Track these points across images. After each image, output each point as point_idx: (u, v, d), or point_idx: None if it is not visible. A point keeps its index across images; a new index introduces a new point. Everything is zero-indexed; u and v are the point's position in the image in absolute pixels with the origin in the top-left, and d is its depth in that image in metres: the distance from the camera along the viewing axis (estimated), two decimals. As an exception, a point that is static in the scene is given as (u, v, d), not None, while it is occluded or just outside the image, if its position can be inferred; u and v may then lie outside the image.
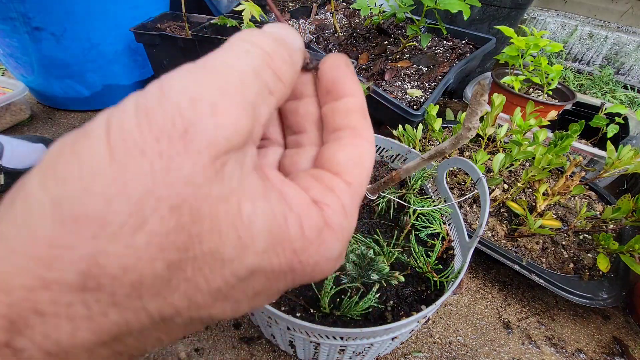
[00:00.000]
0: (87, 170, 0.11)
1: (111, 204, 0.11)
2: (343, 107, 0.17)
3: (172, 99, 0.12)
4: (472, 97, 0.25)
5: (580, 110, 1.10)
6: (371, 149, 0.17)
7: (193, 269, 0.12)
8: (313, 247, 0.14)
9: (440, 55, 1.09)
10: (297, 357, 0.55)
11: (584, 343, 0.64)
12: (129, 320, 0.12)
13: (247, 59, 0.14)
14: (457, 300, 0.68)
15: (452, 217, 0.59)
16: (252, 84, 0.13)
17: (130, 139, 0.11)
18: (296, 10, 1.26)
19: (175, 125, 0.11)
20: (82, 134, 0.12)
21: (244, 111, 0.13)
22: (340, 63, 0.17)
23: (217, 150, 0.12)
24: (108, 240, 0.11)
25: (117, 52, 1.04)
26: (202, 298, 0.13)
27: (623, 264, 0.65)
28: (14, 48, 0.96)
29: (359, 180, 0.17)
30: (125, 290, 0.11)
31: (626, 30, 1.60)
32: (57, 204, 0.11)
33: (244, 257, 0.13)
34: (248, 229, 0.13)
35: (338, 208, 0.15)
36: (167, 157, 0.11)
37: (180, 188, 0.11)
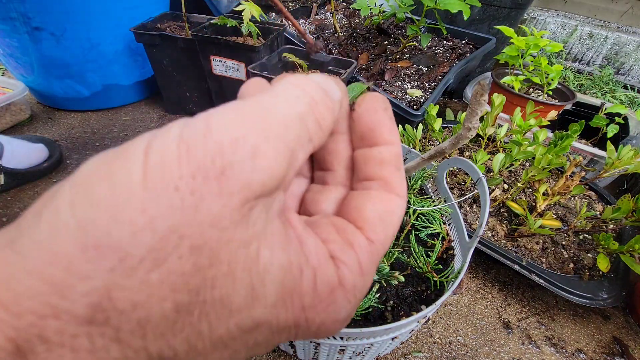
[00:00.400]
0: (119, 195, 0.11)
1: (136, 237, 0.10)
2: (377, 156, 0.17)
3: (216, 136, 0.11)
4: (472, 97, 0.25)
5: (580, 110, 1.10)
6: (401, 206, 0.17)
7: (200, 314, 0.12)
8: (322, 305, 0.14)
9: (440, 55, 1.09)
10: (297, 357, 0.55)
11: (584, 343, 0.64)
12: (128, 358, 0.11)
13: (296, 105, 0.13)
14: (457, 300, 0.68)
15: (452, 217, 0.59)
16: (296, 129, 0.13)
17: (168, 171, 0.11)
18: (296, 10, 1.26)
19: (215, 164, 0.11)
20: (121, 154, 0.11)
21: (282, 157, 0.12)
22: (378, 107, 0.17)
23: (249, 194, 0.12)
24: (125, 274, 0.11)
25: (117, 52, 1.04)
26: (202, 345, 0.12)
27: (623, 264, 0.65)
28: (14, 48, 0.96)
29: (383, 237, 0.16)
30: (130, 327, 0.11)
31: (626, 30, 1.60)
32: (82, 228, 0.10)
33: (253, 309, 0.12)
34: (262, 278, 0.12)
35: (355, 266, 0.15)
36: (199, 196, 0.11)
37: (205, 229, 0.11)
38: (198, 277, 0.11)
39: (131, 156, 0.11)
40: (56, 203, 0.11)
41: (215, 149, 0.11)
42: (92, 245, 0.10)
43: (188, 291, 0.11)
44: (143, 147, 0.11)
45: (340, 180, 0.18)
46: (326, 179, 0.18)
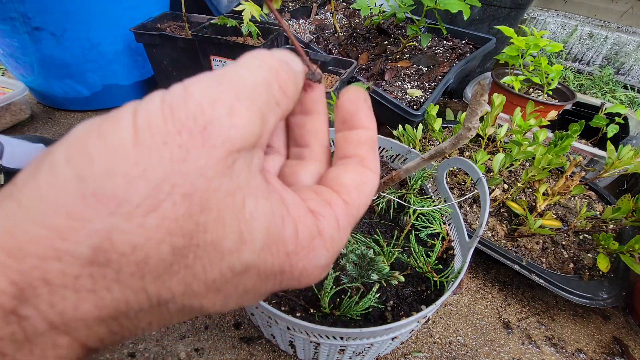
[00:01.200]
0: (113, 151, 0.12)
1: (131, 185, 0.12)
2: (355, 138, 0.19)
3: (196, 98, 0.13)
4: (472, 97, 0.25)
5: (580, 110, 1.10)
6: (374, 180, 0.19)
7: (194, 257, 0.13)
8: (304, 252, 0.15)
9: (440, 55, 1.09)
10: (297, 357, 0.55)
11: (584, 343, 0.64)
12: (129, 299, 0.12)
13: (259, 72, 0.15)
14: (457, 300, 0.68)
15: (452, 217, 0.59)
16: (263, 93, 0.15)
17: (155, 129, 0.12)
18: (296, 10, 1.26)
19: (197, 122, 0.13)
20: (110, 119, 0.13)
21: (255, 116, 0.14)
22: (359, 97, 0.19)
23: (230, 148, 0.13)
24: (123, 218, 0.11)
25: (117, 52, 1.04)
26: (197, 287, 0.13)
27: (623, 264, 0.65)
28: (14, 48, 0.96)
29: (357, 202, 0.18)
30: (130, 269, 0.12)
31: (626, 30, 1.60)
32: (81, 180, 0.11)
33: (242, 252, 0.14)
34: (249, 224, 0.14)
35: (332, 220, 0.16)
36: (185, 149, 0.12)
37: (194, 178, 0.12)
38: (191, 222, 0.12)
39: (120, 119, 0.12)
40: (51, 160, 0.12)
41: (196, 109, 0.13)
42: (91, 194, 0.11)
43: (183, 235, 0.12)
44: (130, 111, 0.13)
45: (317, 156, 0.20)
46: (302, 155, 0.20)
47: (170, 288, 0.13)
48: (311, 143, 0.20)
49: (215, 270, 0.13)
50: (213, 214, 0.13)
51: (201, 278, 0.13)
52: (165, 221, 0.12)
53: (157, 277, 0.12)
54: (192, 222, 0.12)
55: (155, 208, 0.12)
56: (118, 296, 0.12)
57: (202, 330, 0.59)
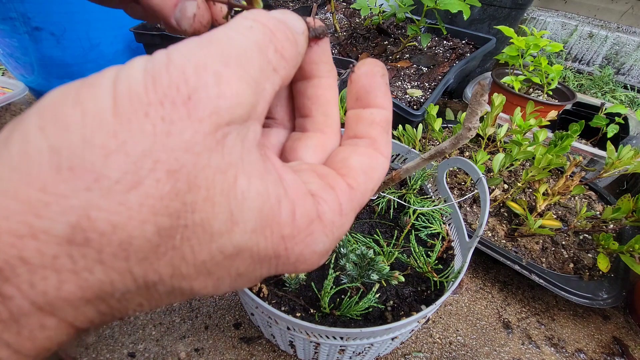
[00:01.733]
0: (90, 120, 0.11)
1: (109, 159, 0.11)
2: (368, 117, 0.17)
3: (178, 65, 0.12)
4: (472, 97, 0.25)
5: (580, 110, 1.10)
6: (385, 165, 0.17)
7: (182, 238, 0.12)
8: (301, 236, 0.14)
9: (440, 55, 1.09)
10: (297, 357, 0.55)
11: (584, 343, 0.64)
12: (114, 280, 0.12)
13: (250, 34, 0.14)
14: (457, 300, 0.68)
15: (452, 217, 0.59)
16: (256, 58, 0.13)
17: (136, 98, 0.11)
18: (296, 10, 1.26)
19: (180, 91, 0.12)
20: (88, 84, 0.12)
21: (246, 84, 0.13)
22: (377, 72, 0.17)
23: (218, 120, 0.12)
24: (101, 194, 0.11)
25: (117, 52, 1.04)
26: (186, 269, 0.13)
27: (623, 264, 0.65)
28: (14, 48, 0.96)
29: (363, 187, 0.16)
30: (112, 249, 0.11)
31: (626, 30, 1.60)
32: (55, 151, 0.11)
33: (233, 233, 0.13)
34: (240, 204, 0.13)
35: (334, 205, 0.15)
36: (169, 122, 0.11)
37: (179, 153, 0.11)
38: (177, 201, 0.11)
39: (99, 85, 0.12)
40: (24, 129, 0.11)
41: (179, 77, 0.12)
42: (67, 167, 0.11)
43: (169, 215, 0.11)
44: (111, 76, 0.12)
45: (319, 127, 0.18)
46: (305, 126, 0.19)
47: (157, 270, 0.12)
48: (312, 111, 0.18)
49: (205, 252, 0.13)
50: (202, 192, 0.12)
51: (190, 260, 0.12)
52: (149, 199, 0.11)
53: (143, 259, 0.12)
54: (178, 201, 0.12)
55: (137, 185, 0.11)
56: (102, 277, 0.11)
57: (202, 330, 0.59)
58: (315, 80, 0.18)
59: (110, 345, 0.55)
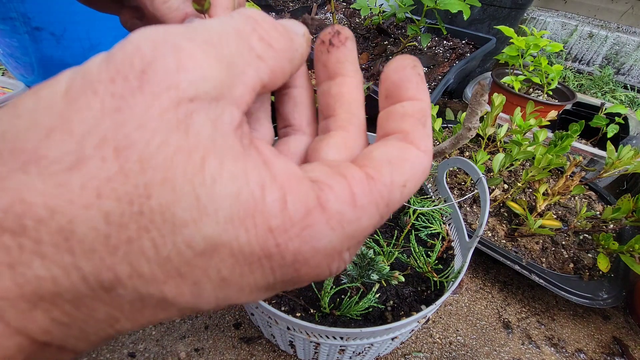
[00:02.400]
0: (41, 106, 0.11)
1: (49, 138, 0.10)
2: (399, 110, 0.15)
3: (134, 41, 0.11)
4: (472, 97, 0.25)
5: (580, 110, 1.10)
6: (422, 158, 0.14)
7: (138, 228, 0.10)
8: (295, 228, 0.12)
9: (440, 55, 1.09)
10: (297, 357, 0.55)
11: (584, 343, 0.64)
12: (57, 277, 0.10)
13: (230, 21, 0.13)
14: (457, 300, 0.68)
15: (452, 217, 0.59)
16: (232, 41, 0.12)
17: (87, 79, 0.11)
18: (296, 10, 1.26)
19: (133, 66, 0.11)
20: (51, 78, 0.11)
21: (215, 60, 0.12)
22: (406, 65, 0.15)
23: (179, 95, 0.11)
24: (38, 174, 0.10)
25: (117, 52, 1.04)
26: (148, 267, 0.11)
27: (623, 264, 0.65)
28: (14, 48, 0.96)
29: (387, 179, 0.13)
30: (52, 239, 0.10)
31: (626, 30, 1.60)
32: (1, 137, 0.10)
33: (201, 223, 0.11)
34: (209, 189, 0.11)
35: (343, 193, 0.13)
36: (119, 97, 0.10)
37: (129, 130, 0.10)
38: (128, 184, 0.10)
39: (58, 77, 0.11)
40: None
41: (133, 52, 0.11)
42: (7, 149, 0.10)
43: (117, 199, 0.10)
44: (71, 70, 0.11)
45: (343, 124, 0.16)
46: (328, 127, 0.17)
47: (112, 268, 0.10)
48: (337, 110, 0.17)
49: (169, 245, 0.11)
50: (158, 175, 0.10)
51: (151, 255, 0.11)
52: (92, 181, 0.10)
53: (91, 252, 0.10)
54: (129, 185, 0.10)
55: (79, 164, 0.10)
56: (41, 273, 0.10)
57: (202, 330, 0.59)
58: (339, 79, 0.17)
59: (110, 345, 0.55)
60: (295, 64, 0.15)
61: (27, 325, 0.10)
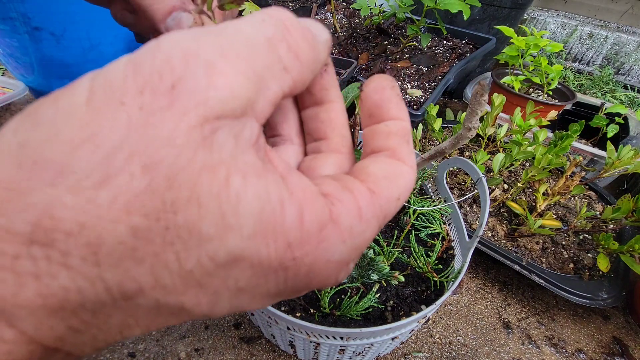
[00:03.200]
0: (61, 115, 0.10)
1: (76, 151, 0.10)
2: (384, 129, 0.16)
3: (165, 51, 0.11)
4: (472, 97, 0.25)
5: (580, 110, 1.10)
6: (410, 174, 0.16)
7: (163, 242, 0.11)
8: (311, 243, 0.12)
9: (440, 55, 1.09)
10: (297, 357, 0.55)
11: (584, 343, 0.64)
12: (82, 288, 0.10)
13: (261, 27, 0.13)
14: (457, 300, 0.68)
15: (452, 217, 0.59)
16: (263, 52, 0.12)
17: (112, 87, 0.10)
18: (296, 10, 1.26)
19: (163, 79, 0.11)
20: (69, 85, 0.11)
21: (244, 76, 0.12)
22: (385, 85, 0.16)
23: (207, 112, 0.11)
24: (67, 190, 0.10)
25: (117, 52, 1.04)
26: (170, 279, 0.11)
27: (623, 264, 0.65)
28: (14, 48, 0.96)
29: (386, 193, 0.14)
30: (80, 252, 0.10)
31: (626, 30, 1.60)
32: (22, 146, 0.10)
33: (226, 238, 0.11)
34: (234, 206, 0.11)
35: (352, 207, 0.13)
36: (147, 111, 0.10)
37: (157, 146, 0.10)
38: (155, 200, 0.10)
39: (77, 83, 0.11)
40: (2, 132, 0.11)
41: (163, 64, 0.11)
42: (31, 161, 0.10)
43: (145, 215, 0.10)
44: (90, 75, 0.11)
45: (336, 147, 0.17)
46: (320, 148, 0.18)
47: (135, 278, 0.11)
48: (328, 134, 0.17)
49: (193, 259, 0.11)
50: (184, 192, 0.10)
51: (174, 269, 0.11)
52: (121, 196, 0.10)
53: (117, 264, 0.10)
54: (156, 200, 0.10)
55: (108, 180, 0.10)
56: (67, 284, 0.10)
57: (202, 330, 0.59)
58: (327, 105, 0.17)
59: (111, 345, 0.55)
60: (316, 73, 0.15)
61: (43, 334, 0.10)
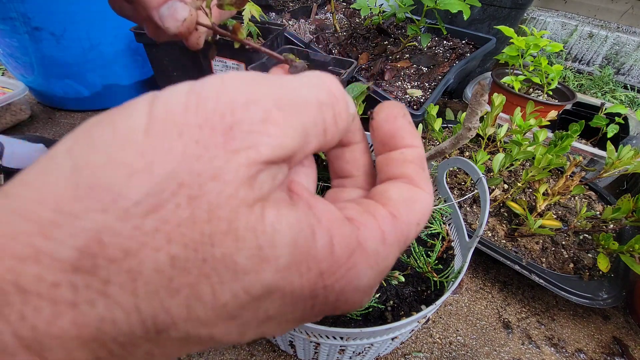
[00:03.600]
0: (119, 139, 0.10)
1: (131, 178, 0.10)
2: (399, 157, 0.17)
3: (230, 94, 0.11)
4: (472, 97, 0.25)
5: (580, 110, 1.10)
6: (427, 199, 0.16)
7: (199, 274, 0.11)
8: (341, 270, 0.13)
9: (440, 55, 1.09)
10: (297, 357, 0.55)
11: (584, 343, 0.64)
12: (117, 319, 0.10)
13: (316, 91, 0.14)
14: (457, 300, 0.68)
15: (452, 217, 0.59)
16: (313, 112, 0.13)
17: (172, 118, 0.11)
18: (296, 10, 1.26)
19: (224, 119, 0.11)
20: (125, 106, 0.11)
21: (294, 130, 0.12)
22: (397, 114, 0.17)
23: (256, 157, 0.11)
24: (117, 217, 0.10)
25: (117, 52, 1.04)
26: (203, 312, 0.11)
27: (623, 264, 0.65)
28: (14, 48, 0.96)
29: (406, 218, 0.15)
30: (120, 279, 0.10)
31: (626, 30, 1.60)
32: (77, 169, 0.10)
33: (262, 271, 0.11)
34: (270, 237, 0.11)
35: (375, 231, 0.14)
36: (203, 146, 0.11)
37: (205, 180, 0.11)
38: (195, 231, 0.10)
39: (135, 107, 0.11)
40: (53, 152, 0.11)
41: (226, 106, 0.11)
42: (85, 185, 0.10)
43: (184, 245, 0.10)
44: (149, 97, 0.11)
45: (362, 185, 0.18)
46: (345, 184, 0.19)
47: (169, 310, 0.11)
48: (353, 173, 0.18)
49: (227, 292, 0.11)
50: (222, 225, 0.11)
51: (208, 301, 0.11)
52: (166, 225, 0.10)
53: (153, 294, 0.10)
54: (196, 231, 0.10)
55: (157, 208, 0.10)
56: (103, 314, 0.10)
57: (202, 330, 0.59)
58: (353, 146, 0.18)
59: None
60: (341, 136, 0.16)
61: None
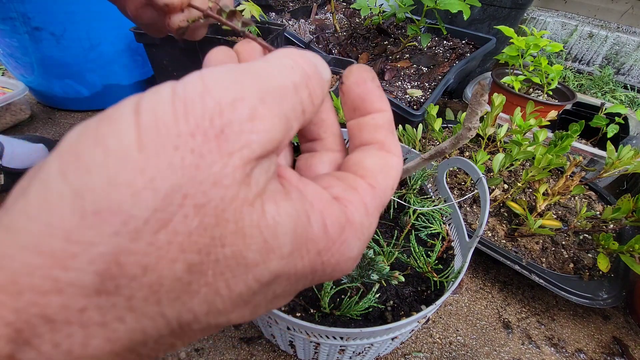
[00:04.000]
0: (114, 158, 0.10)
1: (137, 198, 0.10)
2: (371, 123, 0.17)
3: (214, 96, 0.11)
4: (472, 97, 0.25)
5: (580, 110, 1.10)
6: (398, 163, 0.17)
7: (214, 273, 0.11)
8: (335, 246, 0.14)
9: (440, 55, 1.09)
10: (297, 357, 0.55)
11: (584, 343, 0.64)
12: (145, 327, 0.11)
13: (290, 74, 0.14)
14: (457, 300, 0.68)
15: (452, 217, 0.59)
16: (290, 97, 0.14)
17: (164, 129, 0.11)
18: (296, 10, 1.26)
19: (214, 124, 0.11)
20: (107, 119, 0.11)
21: (279, 121, 0.13)
22: (367, 78, 0.17)
23: (249, 155, 0.12)
24: (130, 237, 0.10)
25: (117, 52, 1.04)
26: (222, 304, 0.12)
27: (623, 264, 0.65)
28: (14, 48, 0.96)
29: (383, 185, 0.16)
30: (143, 294, 0.11)
31: (626, 30, 1.60)
32: (78, 195, 0.10)
33: (269, 261, 0.12)
34: (273, 231, 0.12)
35: (360, 205, 0.15)
36: (199, 154, 0.11)
37: (207, 187, 0.11)
38: (206, 237, 0.11)
39: (119, 118, 0.11)
40: (44, 175, 0.10)
41: (214, 109, 0.11)
42: (92, 211, 0.10)
43: (197, 251, 0.11)
44: (131, 108, 0.11)
45: (330, 146, 0.19)
46: (315, 147, 0.19)
47: (191, 309, 0.12)
48: (321, 134, 0.19)
49: (241, 284, 0.12)
50: (230, 226, 0.11)
51: (225, 294, 0.12)
52: (178, 237, 0.11)
53: (175, 300, 0.11)
54: (207, 237, 0.11)
55: (167, 222, 0.10)
56: (133, 326, 0.11)
57: (202, 330, 0.59)
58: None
59: None
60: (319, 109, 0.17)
61: None
